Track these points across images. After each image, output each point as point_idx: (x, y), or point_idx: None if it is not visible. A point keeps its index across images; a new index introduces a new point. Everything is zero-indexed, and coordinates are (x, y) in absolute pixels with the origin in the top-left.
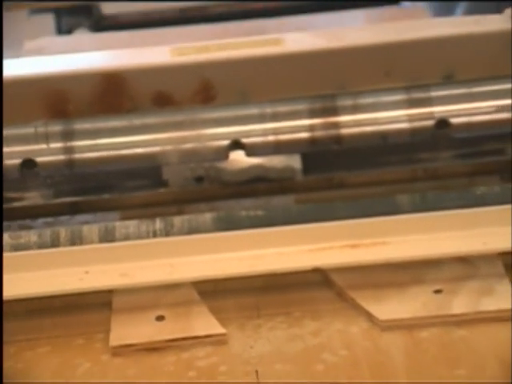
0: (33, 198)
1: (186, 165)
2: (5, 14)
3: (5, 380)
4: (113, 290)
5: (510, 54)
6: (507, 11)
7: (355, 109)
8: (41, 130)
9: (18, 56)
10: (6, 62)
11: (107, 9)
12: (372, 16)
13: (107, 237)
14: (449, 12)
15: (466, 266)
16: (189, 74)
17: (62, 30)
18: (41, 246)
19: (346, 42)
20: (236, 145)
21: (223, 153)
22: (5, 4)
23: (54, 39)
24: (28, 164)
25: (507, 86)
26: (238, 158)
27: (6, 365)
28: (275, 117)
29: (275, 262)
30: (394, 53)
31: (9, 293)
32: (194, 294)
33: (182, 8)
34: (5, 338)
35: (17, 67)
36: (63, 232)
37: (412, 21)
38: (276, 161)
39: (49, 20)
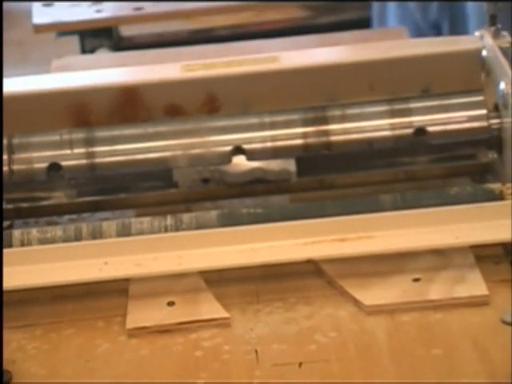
0: (58, 197)
1: (193, 168)
2: (35, 36)
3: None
4: (129, 279)
5: (480, 70)
6: (477, 34)
7: (343, 118)
8: (65, 137)
9: (46, 72)
10: (36, 78)
11: (125, 31)
12: (358, 36)
13: (124, 232)
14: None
15: (441, 257)
16: (196, 87)
17: (86, 49)
18: (65, 239)
19: (335, 59)
20: (238, 150)
21: (226, 157)
22: (34, 26)
23: (78, 58)
24: (54, 167)
25: (478, 98)
26: (240, 161)
27: (31, 346)
28: (273, 125)
29: (273, 254)
30: (378, 69)
31: (36, 281)
32: (201, 282)
33: (191, 30)
34: (32, 321)
35: (45, 82)
36: (85, 227)
37: (393, 41)
38: (273, 164)
39: (74, 41)
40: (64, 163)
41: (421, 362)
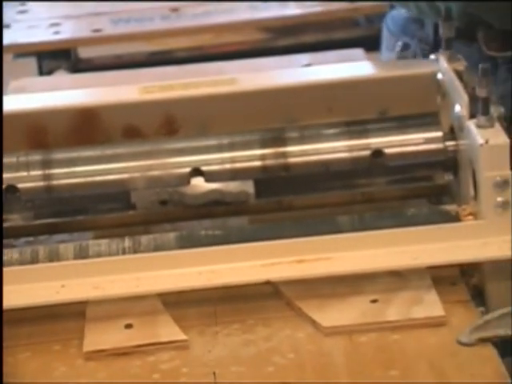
0: (15, 219)
1: (151, 190)
2: None
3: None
4: (86, 302)
5: (436, 92)
6: (432, 57)
7: (301, 140)
8: (22, 159)
9: (3, 94)
10: None
11: (84, 53)
12: (317, 58)
13: (81, 254)
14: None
15: (399, 278)
16: (154, 109)
17: (44, 71)
18: (22, 262)
19: (294, 81)
20: (196, 172)
21: (185, 179)
22: None
23: (35, 79)
24: (10, 189)
25: (434, 120)
26: (198, 183)
27: None
28: (231, 147)
29: (231, 276)
30: (336, 91)
31: None
32: (159, 305)
33: (149, 52)
34: None
35: (2, 104)
36: (42, 250)
37: (351, 63)
38: (231, 186)
39: (31, 63)
40: (20, 185)
41: (379, 383)
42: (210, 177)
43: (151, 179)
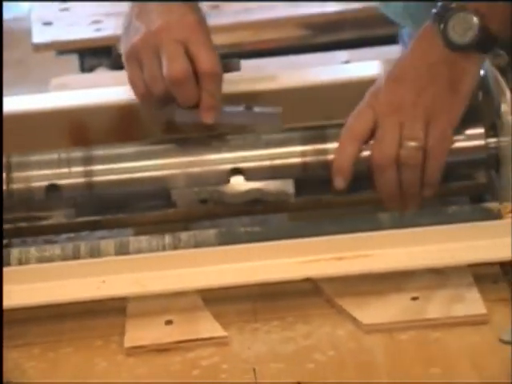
0: (57, 216)
1: (191, 189)
2: (34, 55)
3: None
4: (127, 298)
5: (478, 89)
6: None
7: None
8: (63, 156)
9: (45, 91)
10: (35, 97)
11: None
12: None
13: (122, 250)
14: None
15: (440, 276)
16: None
17: (85, 68)
18: (63, 258)
19: (332, 77)
20: (236, 171)
21: (225, 177)
22: (34, 45)
23: (77, 77)
24: (52, 186)
25: (475, 117)
26: (238, 182)
27: (29, 364)
28: (270, 144)
29: (271, 272)
30: None
31: (34, 300)
32: (199, 301)
33: None
34: (30, 340)
35: (44, 101)
36: (83, 246)
37: (389, 59)
38: (271, 186)
39: (73, 60)
40: (62, 182)
41: (419, 380)
42: (249, 175)
43: (191, 176)
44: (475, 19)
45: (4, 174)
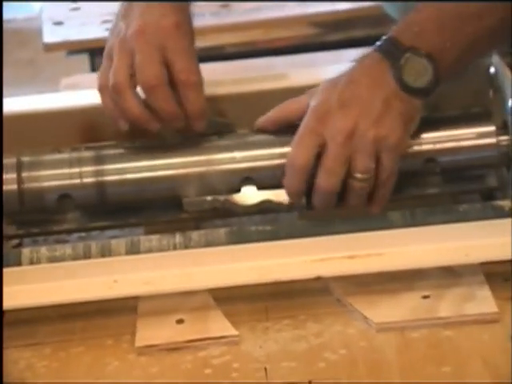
0: (68, 220)
1: (203, 197)
2: (45, 54)
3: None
4: (138, 297)
5: (489, 87)
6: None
7: None
8: (74, 155)
9: (55, 91)
10: (45, 96)
11: None
12: None
13: (133, 249)
14: None
15: (451, 274)
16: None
17: (96, 68)
18: (74, 257)
19: None
20: (247, 180)
21: (236, 186)
22: (44, 45)
23: (87, 76)
24: (63, 187)
25: (486, 114)
26: (249, 191)
27: (41, 364)
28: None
29: (282, 271)
30: None
31: (45, 299)
32: (210, 300)
33: (199, 48)
34: (41, 339)
35: (54, 100)
36: (94, 245)
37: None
38: (283, 196)
39: (84, 60)
40: (72, 181)
41: (431, 379)
42: (260, 183)
43: (202, 182)
44: (428, 65)
45: (14, 174)
